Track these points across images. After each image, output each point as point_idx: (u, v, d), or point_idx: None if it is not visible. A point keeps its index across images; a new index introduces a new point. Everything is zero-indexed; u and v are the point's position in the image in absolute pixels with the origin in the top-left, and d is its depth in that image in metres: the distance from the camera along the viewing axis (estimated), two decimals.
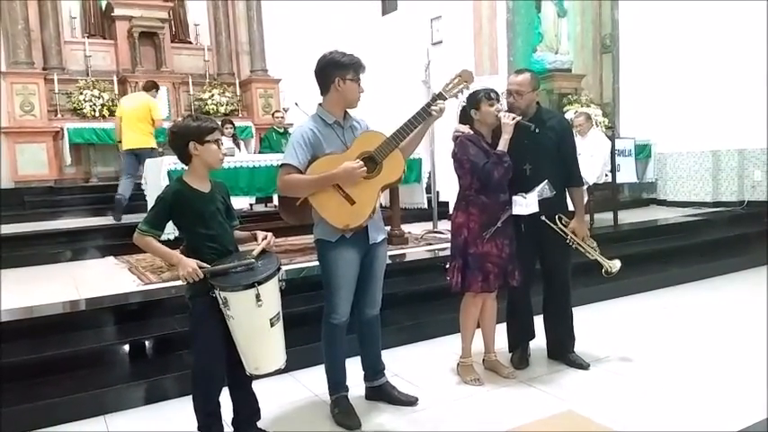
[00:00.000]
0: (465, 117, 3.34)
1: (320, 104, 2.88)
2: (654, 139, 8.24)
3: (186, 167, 2.61)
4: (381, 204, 3.07)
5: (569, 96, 8.33)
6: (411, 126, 2.84)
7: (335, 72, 2.78)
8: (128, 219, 6.81)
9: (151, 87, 7.55)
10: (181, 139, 2.53)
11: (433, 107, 2.85)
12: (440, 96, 2.90)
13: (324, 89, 2.84)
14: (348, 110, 2.90)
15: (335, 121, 2.84)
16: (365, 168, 2.72)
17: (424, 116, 2.86)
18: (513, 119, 3.22)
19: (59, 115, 9.25)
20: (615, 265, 3.43)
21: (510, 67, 8.14)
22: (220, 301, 2.42)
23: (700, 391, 3.15)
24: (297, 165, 2.74)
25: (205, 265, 2.46)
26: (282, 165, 2.80)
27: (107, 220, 7.05)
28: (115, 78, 9.73)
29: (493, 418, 2.87)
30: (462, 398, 3.18)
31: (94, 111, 9.35)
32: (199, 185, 2.56)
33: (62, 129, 8.97)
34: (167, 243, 2.65)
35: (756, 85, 7.05)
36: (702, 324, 4.33)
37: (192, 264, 2.43)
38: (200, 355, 2.58)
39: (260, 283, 2.40)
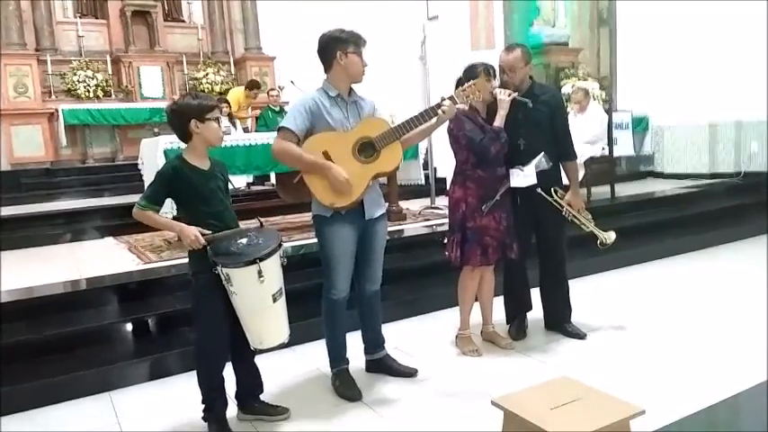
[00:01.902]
0: None
1: (325, 80, 2.89)
2: (651, 111, 8.22)
3: (185, 146, 2.61)
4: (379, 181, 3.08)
5: (566, 70, 8.27)
6: (417, 121, 2.85)
7: (336, 47, 2.79)
8: (126, 199, 6.82)
9: (245, 87, 8.61)
10: (181, 117, 2.52)
11: (442, 107, 2.86)
12: (451, 99, 2.90)
13: (327, 66, 2.85)
14: (353, 85, 2.91)
15: (338, 94, 2.85)
16: (351, 186, 2.75)
17: (431, 114, 2.87)
18: (510, 95, 3.22)
19: (54, 96, 9.21)
20: (610, 236, 3.48)
21: (507, 42, 8.07)
22: (223, 278, 2.45)
23: (697, 357, 3.21)
24: (294, 130, 2.76)
25: (206, 232, 2.48)
26: (280, 128, 2.81)
27: (105, 201, 7.06)
28: (108, 58, 9.68)
29: (491, 388, 2.91)
30: (461, 368, 3.23)
31: (89, 91, 9.31)
32: (198, 163, 2.56)
33: (57, 110, 8.92)
34: None
35: (753, 57, 7.01)
36: (699, 293, 4.38)
37: (194, 231, 2.45)
38: (203, 330, 2.61)
39: (261, 259, 2.43)
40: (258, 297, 2.49)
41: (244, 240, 2.52)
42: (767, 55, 6.87)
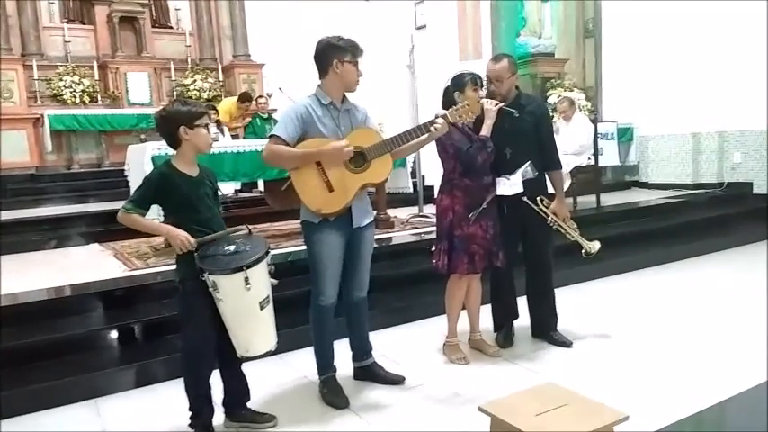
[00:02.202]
0: (447, 101, 3.36)
1: (319, 86, 2.90)
2: (636, 122, 8.33)
3: (174, 152, 2.61)
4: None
5: (552, 81, 8.37)
6: (409, 136, 2.88)
7: (334, 54, 2.80)
8: (112, 206, 6.77)
9: (238, 99, 8.54)
10: (170, 124, 2.52)
11: (435, 124, 2.88)
12: (444, 117, 2.92)
13: (322, 72, 2.86)
14: (346, 93, 2.92)
15: (331, 102, 2.86)
16: (352, 149, 2.75)
17: (424, 130, 2.89)
18: (496, 105, 3.26)
19: (39, 102, 9.16)
20: (594, 245, 3.52)
21: (494, 52, 8.15)
22: (210, 285, 2.44)
23: (681, 365, 3.24)
24: (285, 138, 2.76)
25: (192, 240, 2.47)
26: (271, 136, 2.82)
27: (90, 207, 7.01)
28: (95, 64, 9.64)
29: (478, 395, 2.93)
30: (448, 376, 3.24)
31: (75, 97, 9.26)
32: (187, 170, 2.57)
33: (42, 115, 8.86)
34: None
35: (735, 69, 7.14)
36: (683, 302, 4.43)
37: (182, 233, 2.45)
38: (190, 337, 2.60)
39: (249, 266, 2.43)
40: (245, 304, 2.49)
41: (231, 247, 2.52)
42: None
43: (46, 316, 3.61)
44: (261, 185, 6.50)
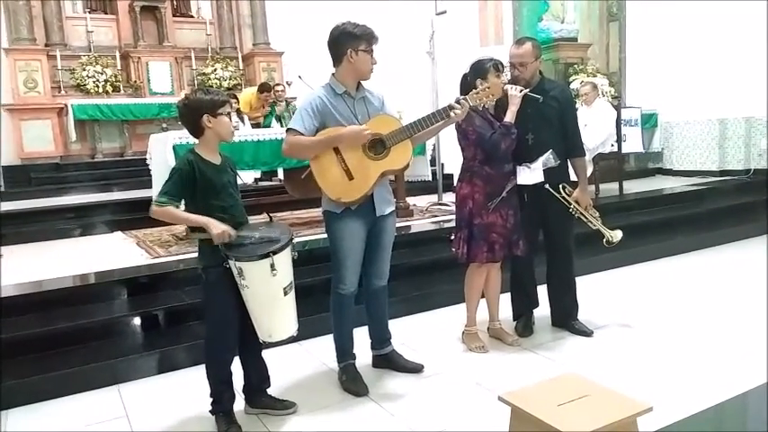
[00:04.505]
0: (467, 87, 3.32)
1: (333, 74, 2.88)
2: (660, 108, 8.17)
3: (194, 141, 2.62)
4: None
5: (575, 66, 8.24)
6: (428, 121, 2.85)
7: (348, 43, 2.77)
8: (135, 194, 6.86)
9: (258, 89, 8.42)
10: (194, 112, 2.53)
11: (454, 109, 2.85)
12: (464, 101, 2.89)
13: (336, 60, 2.84)
14: (361, 81, 2.90)
15: (345, 91, 2.84)
16: (370, 132, 2.74)
17: (444, 115, 2.87)
18: (521, 91, 3.21)
19: (63, 92, 9.26)
20: (616, 235, 3.47)
21: (515, 37, 8.05)
22: (235, 272, 2.46)
23: (705, 355, 3.20)
24: (302, 131, 2.76)
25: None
26: (288, 129, 2.82)
27: (114, 196, 7.10)
28: (117, 54, 9.71)
29: (497, 384, 2.92)
30: (467, 364, 3.23)
31: (98, 87, 9.35)
32: (211, 157, 2.57)
33: (66, 105, 8.96)
34: None
35: (763, 53, 6.95)
36: (707, 292, 4.36)
37: (225, 226, 2.45)
38: (213, 324, 2.63)
39: (275, 252, 2.45)
40: (270, 290, 2.50)
41: (256, 234, 2.54)
42: None
43: (70, 303, 3.67)
44: (281, 174, 6.52)
